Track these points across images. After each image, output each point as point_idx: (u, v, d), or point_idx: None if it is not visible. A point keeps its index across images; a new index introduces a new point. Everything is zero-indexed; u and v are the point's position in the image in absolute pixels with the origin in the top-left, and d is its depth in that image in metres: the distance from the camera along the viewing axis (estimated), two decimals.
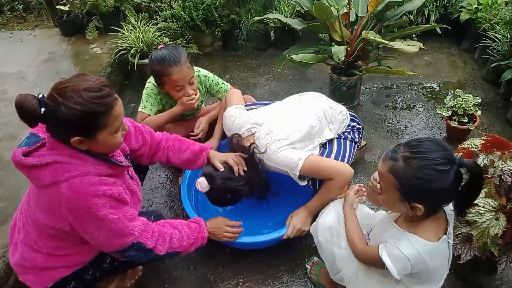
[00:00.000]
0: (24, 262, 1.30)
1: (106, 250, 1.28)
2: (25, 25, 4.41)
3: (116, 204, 1.21)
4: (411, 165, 1.03)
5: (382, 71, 2.55)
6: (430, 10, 3.46)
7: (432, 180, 1.01)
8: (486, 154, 1.40)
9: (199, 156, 1.67)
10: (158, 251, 1.33)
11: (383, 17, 2.50)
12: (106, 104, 1.12)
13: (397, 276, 1.12)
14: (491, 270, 1.57)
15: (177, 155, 1.66)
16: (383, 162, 1.10)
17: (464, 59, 3.38)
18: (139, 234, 1.27)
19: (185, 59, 1.83)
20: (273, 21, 3.47)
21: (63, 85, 1.09)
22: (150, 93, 1.94)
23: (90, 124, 1.12)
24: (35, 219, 1.25)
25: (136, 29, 3.13)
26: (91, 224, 1.18)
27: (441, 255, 1.17)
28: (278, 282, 1.72)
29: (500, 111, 2.73)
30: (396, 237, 1.16)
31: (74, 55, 3.49)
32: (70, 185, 1.13)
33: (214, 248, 1.83)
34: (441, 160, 1.01)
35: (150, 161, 1.67)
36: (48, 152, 1.16)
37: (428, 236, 1.12)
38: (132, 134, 1.54)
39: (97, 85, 1.11)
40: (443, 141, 1.09)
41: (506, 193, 1.37)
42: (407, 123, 2.67)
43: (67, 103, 1.07)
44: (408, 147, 1.06)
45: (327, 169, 1.61)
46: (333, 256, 1.36)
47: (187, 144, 1.69)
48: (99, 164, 1.21)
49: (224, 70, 3.40)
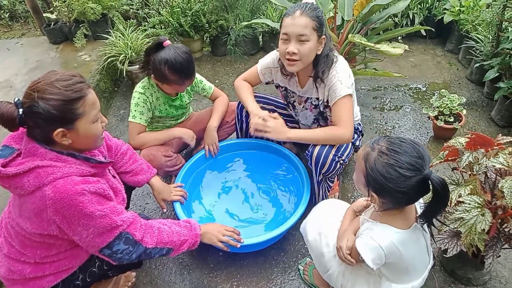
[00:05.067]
0: (12, 275, 1.29)
1: (96, 249, 1.25)
2: (12, 34, 4.37)
3: (102, 200, 1.22)
4: (380, 159, 1.09)
5: (369, 74, 2.60)
6: (414, 12, 3.53)
7: (390, 179, 1.07)
8: (470, 151, 1.44)
9: (145, 172, 1.71)
10: (146, 244, 1.32)
11: (368, 20, 2.55)
12: (79, 90, 1.17)
13: (372, 265, 1.16)
14: (478, 265, 1.60)
15: (126, 163, 1.66)
16: (364, 146, 1.17)
17: (448, 60, 3.45)
18: (127, 226, 1.27)
19: (194, 69, 1.90)
20: (261, 26, 3.51)
21: (36, 82, 1.16)
22: (138, 102, 1.93)
23: (68, 113, 1.15)
24: (18, 231, 1.24)
25: (124, 35, 3.14)
26: (79, 223, 1.19)
27: (415, 243, 1.22)
28: (272, 284, 1.73)
29: (485, 109, 2.79)
30: (369, 228, 1.21)
31: (63, 63, 3.47)
32: (54, 187, 1.14)
33: (207, 252, 1.84)
34: (408, 165, 1.06)
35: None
36: (28, 159, 1.17)
37: (399, 224, 1.18)
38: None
39: (67, 75, 1.18)
40: (425, 150, 1.11)
41: (491, 189, 1.41)
42: (395, 123, 2.72)
43: (42, 96, 1.12)
44: (389, 143, 1.11)
45: (346, 115, 1.70)
46: (322, 255, 1.39)
47: (140, 161, 1.72)
48: (81, 165, 1.23)
49: (213, 75, 3.42)
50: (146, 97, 1.94)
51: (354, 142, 1.91)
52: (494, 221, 1.32)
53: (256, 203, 2.03)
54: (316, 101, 1.84)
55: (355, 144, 1.92)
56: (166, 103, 2.02)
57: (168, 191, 1.79)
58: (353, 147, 1.89)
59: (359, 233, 1.24)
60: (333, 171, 1.76)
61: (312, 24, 1.61)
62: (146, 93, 1.94)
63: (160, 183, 1.77)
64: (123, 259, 1.29)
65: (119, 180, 1.49)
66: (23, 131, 1.21)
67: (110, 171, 1.44)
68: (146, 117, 1.95)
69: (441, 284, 1.68)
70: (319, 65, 1.71)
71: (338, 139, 1.72)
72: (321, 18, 1.64)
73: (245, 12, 3.49)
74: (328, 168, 1.74)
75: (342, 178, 2.24)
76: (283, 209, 1.98)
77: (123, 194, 1.43)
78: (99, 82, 3.10)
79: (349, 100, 1.70)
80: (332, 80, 1.70)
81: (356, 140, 1.93)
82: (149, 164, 1.76)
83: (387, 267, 1.22)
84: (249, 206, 2.01)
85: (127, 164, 1.65)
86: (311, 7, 1.63)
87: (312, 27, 1.61)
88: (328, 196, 2.03)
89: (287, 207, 1.96)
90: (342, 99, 1.69)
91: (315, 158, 1.73)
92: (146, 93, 1.94)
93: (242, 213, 1.97)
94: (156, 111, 2.01)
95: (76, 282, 1.35)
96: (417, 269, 1.27)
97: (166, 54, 1.78)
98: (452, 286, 1.67)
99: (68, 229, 1.20)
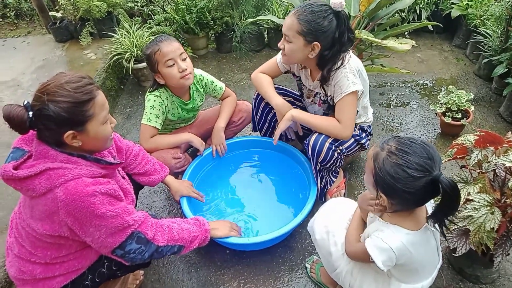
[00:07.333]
0: (23, 275, 1.30)
1: (108, 249, 1.26)
2: (18, 32, 4.39)
3: (113, 201, 1.23)
4: (389, 159, 1.08)
5: (376, 70, 2.58)
6: (421, 7, 3.49)
7: (398, 179, 1.06)
8: (479, 149, 1.43)
9: (159, 172, 1.73)
10: (158, 242, 1.33)
11: (375, 16, 2.53)
12: (89, 92, 1.18)
13: (382, 267, 1.15)
14: (487, 264, 1.59)
15: (139, 164, 1.68)
16: (374, 146, 1.17)
17: (456, 55, 3.41)
18: (139, 225, 1.28)
19: (175, 39, 1.88)
20: (266, 22, 3.49)
21: (45, 84, 1.16)
22: (154, 105, 1.90)
23: (78, 115, 1.16)
24: (29, 232, 1.25)
25: (130, 33, 3.14)
26: (91, 224, 1.19)
27: (425, 244, 1.21)
28: (279, 282, 1.73)
29: (493, 105, 2.76)
30: (379, 229, 1.20)
31: (69, 61, 3.48)
32: (66, 189, 1.15)
33: (214, 250, 1.84)
34: (417, 166, 1.05)
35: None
36: (39, 162, 1.17)
37: (410, 225, 1.17)
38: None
39: (76, 77, 1.19)
40: (436, 151, 1.09)
41: (500, 187, 1.40)
42: (402, 120, 2.70)
43: (52, 98, 1.12)
44: (398, 143, 1.10)
45: (349, 113, 1.71)
46: (330, 254, 1.39)
47: (153, 161, 1.74)
48: (92, 166, 1.23)
49: (219, 72, 3.41)
50: (161, 100, 1.93)
51: (359, 140, 1.89)
52: (504, 219, 1.31)
53: (263, 200, 2.03)
54: (325, 97, 1.83)
55: (360, 143, 1.91)
56: (179, 106, 2.02)
57: (186, 187, 1.83)
58: (356, 143, 1.89)
59: (369, 233, 1.24)
60: (330, 160, 1.76)
61: (298, 27, 1.58)
62: (162, 96, 1.93)
63: (176, 181, 1.82)
64: (136, 259, 1.30)
65: (128, 181, 1.50)
66: (33, 133, 1.22)
67: (119, 172, 1.45)
68: (161, 120, 1.94)
69: (449, 282, 1.67)
70: (323, 68, 1.70)
71: (337, 133, 1.74)
72: (315, 23, 1.57)
73: (250, 8, 3.47)
74: (324, 156, 1.74)
75: (348, 176, 2.23)
76: (290, 207, 1.98)
77: (132, 194, 1.44)
78: (105, 80, 3.10)
79: (354, 97, 1.69)
80: (339, 76, 1.69)
81: (362, 139, 1.92)
82: (162, 163, 1.78)
83: (397, 268, 1.21)
84: (256, 204, 2.01)
85: (141, 165, 1.66)
86: (311, 9, 1.58)
87: (296, 30, 1.59)
88: (334, 193, 2.03)
89: (294, 205, 1.96)
90: (346, 97, 1.67)
91: (312, 146, 1.75)
92: (162, 96, 1.93)
93: (249, 211, 1.98)
94: (169, 114, 2.00)
95: (86, 283, 1.36)
96: (427, 269, 1.27)
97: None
98: (460, 284, 1.66)
99: (80, 230, 1.21)
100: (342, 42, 1.64)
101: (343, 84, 1.67)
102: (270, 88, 1.93)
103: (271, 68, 1.98)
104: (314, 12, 1.58)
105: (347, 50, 1.69)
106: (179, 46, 1.87)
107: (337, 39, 1.62)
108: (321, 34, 1.59)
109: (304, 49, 1.63)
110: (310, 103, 1.95)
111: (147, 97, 1.94)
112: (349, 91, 1.66)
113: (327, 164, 1.78)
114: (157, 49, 1.81)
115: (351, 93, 1.67)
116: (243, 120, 2.21)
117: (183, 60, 1.86)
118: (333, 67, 1.68)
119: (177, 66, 1.83)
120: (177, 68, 1.83)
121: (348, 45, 1.67)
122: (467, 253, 1.41)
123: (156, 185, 1.75)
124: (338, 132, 1.73)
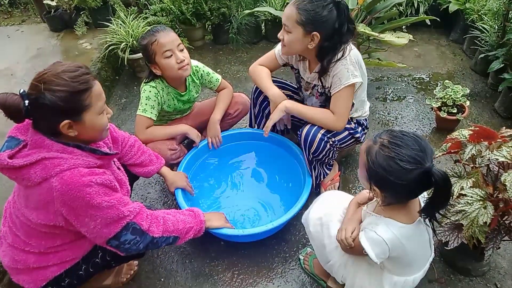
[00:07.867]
0: (16, 264, 1.30)
1: (103, 240, 1.26)
2: (12, 20, 4.32)
3: (109, 191, 1.23)
4: (382, 152, 1.09)
5: (373, 64, 2.57)
6: (419, 1, 3.47)
7: (390, 172, 1.07)
8: (473, 144, 1.43)
9: (154, 163, 1.73)
10: (153, 233, 1.33)
11: (373, 9, 2.52)
12: (85, 81, 1.17)
13: (375, 260, 1.17)
14: (478, 257, 1.61)
15: (134, 155, 1.68)
16: (367, 140, 1.18)
17: (453, 50, 3.41)
18: (134, 216, 1.29)
19: (171, 30, 1.87)
20: (263, 14, 3.46)
21: (42, 73, 1.15)
22: (149, 96, 1.89)
23: (75, 104, 1.15)
24: (24, 221, 1.25)
25: (125, 23, 3.10)
26: (86, 214, 1.19)
27: (418, 237, 1.23)
28: (273, 273, 1.75)
29: (488, 101, 2.77)
30: (373, 222, 1.22)
31: (64, 51, 3.44)
32: (61, 179, 1.14)
33: (209, 241, 1.85)
34: (409, 158, 1.06)
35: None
36: (35, 151, 1.17)
37: (403, 219, 1.18)
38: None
39: (73, 66, 1.18)
40: (428, 143, 1.10)
41: (493, 181, 1.41)
42: (398, 114, 2.70)
43: (49, 87, 1.11)
44: (391, 136, 1.11)
45: (344, 106, 1.72)
46: (323, 246, 1.40)
47: (148, 152, 1.74)
48: (87, 156, 1.23)
49: (215, 64, 3.39)
50: (157, 91, 1.92)
51: (354, 134, 1.89)
52: (496, 214, 1.33)
53: (258, 193, 2.04)
54: (322, 89, 1.83)
55: (355, 136, 1.90)
56: (175, 98, 2.01)
57: (182, 179, 1.83)
58: (350, 136, 1.88)
59: (362, 226, 1.25)
60: (322, 151, 1.77)
61: (297, 17, 1.57)
62: (157, 87, 1.92)
63: (172, 173, 1.82)
64: (131, 250, 1.30)
65: (123, 172, 1.50)
66: (28, 122, 1.21)
67: (114, 163, 1.44)
68: (156, 111, 1.93)
69: (441, 274, 1.69)
70: (322, 60, 1.69)
71: (329, 124, 1.75)
72: (314, 13, 1.56)
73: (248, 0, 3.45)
74: (316, 147, 1.75)
75: (343, 169, 2.24)
76: (284, 199, 1.98)
77: (128, 185, 1.44)
78: (100, 70, 3.07)
79: (351, 90, 1.69)
80: (339, 67, 1.67)
81: (357, 133, 1.91)
82: (157, 154, 1.78)
83: (390, 260, 1.23)
84: (251, 196, 2.02)
85: (136, 156, 1.66)
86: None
87: (295, 19, 1.57)
88: (328, 186, 2.04)
89: (289, 197, 1.97)
90: (345, 89, 1.67)
91: (304, 136, 1.76)
92: (158, 87, 1.92)
93: (244, 203, 1.98)
94: (165, 106, 1.99)
95: (79, 273, 1.36)
96: (419, 262, 1.29)
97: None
98: (451, 277, 1.69)
99: (76, 220, 1.21)
100: (342, 33, 1.62)
101: (343, 75, 1.66)
102: (268, 80, 1.93)
103: (270, 60, 1.97)
104: (313, 2, 1.56)
105: (348, 41, 1.68)
106: (176, 36, 1.85)
107: (337, 30, 1.61)
108: (320, 24, 1.58)
109: (303, 40, 1.62)
110: (308, 96, 1.95)
111: (143, 87, 1.92)
112: (348, 83, 1.66)
113: (319, 155, 1.78)
114: (154, 39, 1.79)
115: (349, 85, 1.66)
116: (239, 112, 2.21)
117: (180, 51, 1.85)
118: (333, 59, 1.67)
119: (175, 57, 1.82)
120: (175, 59, 1.82)
121: (348, 36, 1.66)
122: (459, 246, 1.42)
123: (151, 176, 1.75)
124: (331, 123, 1.74)
